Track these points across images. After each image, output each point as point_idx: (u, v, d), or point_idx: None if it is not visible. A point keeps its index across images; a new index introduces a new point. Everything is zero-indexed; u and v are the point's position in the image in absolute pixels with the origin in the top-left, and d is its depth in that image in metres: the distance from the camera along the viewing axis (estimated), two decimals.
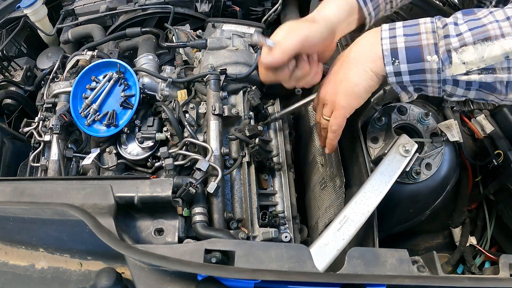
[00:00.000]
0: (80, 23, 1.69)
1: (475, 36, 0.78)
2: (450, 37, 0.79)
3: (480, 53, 0.77)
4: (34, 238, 0.90)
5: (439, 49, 0.80)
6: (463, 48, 0.78)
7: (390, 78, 0.86)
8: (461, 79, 0.81)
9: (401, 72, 0.84)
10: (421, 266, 0.79)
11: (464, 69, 0.79)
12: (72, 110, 1.24)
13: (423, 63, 0.82)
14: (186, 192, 0.97)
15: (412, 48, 0.82)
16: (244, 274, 0.69)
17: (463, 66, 0.79)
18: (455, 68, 0.80)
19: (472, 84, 0.81)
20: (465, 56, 0.78)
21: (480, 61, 0.78)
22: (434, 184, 1.22)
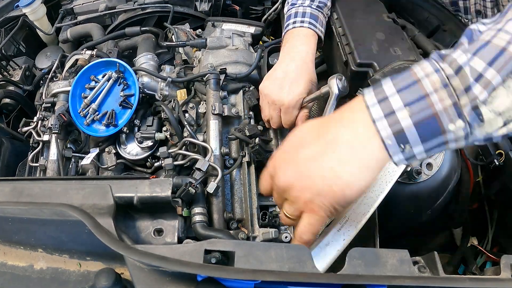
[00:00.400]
0: (79, 22, 1.69)
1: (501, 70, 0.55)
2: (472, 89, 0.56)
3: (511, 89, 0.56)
4: (32, 239, 0.90)
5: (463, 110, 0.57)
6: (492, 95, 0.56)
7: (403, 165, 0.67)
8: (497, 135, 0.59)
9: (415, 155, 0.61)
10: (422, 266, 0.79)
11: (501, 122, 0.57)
12: (71, 109, 1.24)
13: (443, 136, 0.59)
14: (186, 192, 0.97)
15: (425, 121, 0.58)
16: (244, 275, 0.69)
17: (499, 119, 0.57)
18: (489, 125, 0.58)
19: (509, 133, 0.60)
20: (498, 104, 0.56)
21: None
22: (435, 184, 1.21)
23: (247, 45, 1.38)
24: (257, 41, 1.49)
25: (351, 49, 1.23)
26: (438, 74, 0.58)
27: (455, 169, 1.26)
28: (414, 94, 0.58)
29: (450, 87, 0.57)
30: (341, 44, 1.28)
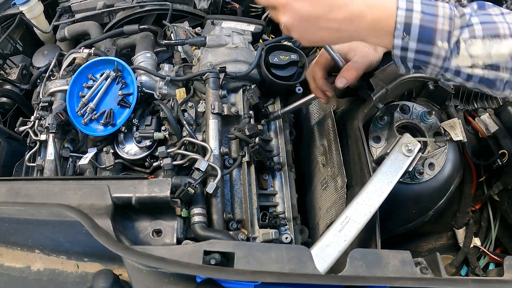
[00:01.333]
0: (76, 20, 1.69)
1: (485, 30, 0.78)
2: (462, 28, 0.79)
3: (488, 48, 0.78)
4: (30, 239, 0.90)
5: (451, 38, 0.79)
6: (472, 40, 0.78)
7: (396, 50, 0.83)
8: (464, 71, 0.81)
9: (408, 48, 0.82)
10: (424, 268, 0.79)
11: (470, 63, 0.80)
12: (69, 109, 1.24)
13: (432, 46, 0.80)
14: (185, 193, 0.97)
15: (427, 28, 0.79)
16: (243, 276, 0.69)
17: (469, 59, 0.79)
18: (462, 59, 0.80)
19: (473, 77, 0.82)
20: (473, 49, 0.79)
21: (487, 57, 0.78)
22: (437, 184, 1.22)
23: (247, 44, 1.38)
24: (257, 39, 1.49)
25: None
26: (450, 10, 0.80)
27: (458, 169, 1.26)
28: (431, 10, 0.80)
29: (452, 21, 0.79)
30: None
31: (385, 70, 1.16)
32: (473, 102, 1.41)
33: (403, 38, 0.81)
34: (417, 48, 0.81)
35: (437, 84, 1.24)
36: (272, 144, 1.28)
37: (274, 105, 1.35)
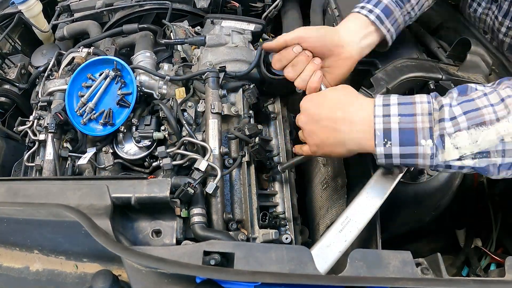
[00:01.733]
0: (75, 19, 1.69)
1: (469, 121, 0.76)
2: (444, 121, 0.78)
3: (474, 138, 0.76)
4: (28, 240, 0.90)
5: (434, 134, 0.78)
6: (457, 133, 0.77)
7: (380, 159, 0.84)
8: (454, 164, 0.79)
9: (392, 155, 0.82)
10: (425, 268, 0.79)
11: (457, 155, 0.78)
12: (68, 108, 1.24)
13: (416, 147, 0.79)
14: (184, 193, 0.97)
15: (406, 130, 0.79)
16: (243, 277, 0.69)
17: (456, 152, 0.78)
18: (448, 153, 0.78)
19: (465, 168, 0.80)
20: (458, 141, 0.77)
21: (474, 146, 0.76)
22: (438, 184, 1.22)
23: (246, 43, 1.38)
24: (257, 38, 1.49)
25: None
26: (428, 104, 0.80)
27: None
28: (408, 110, 0.80)
29: (432, 116, 0.79)
30: None
31: (386, 69, 1.16)
32: None
33: (385, 145, 0.81)
34: (401, 152, 0.80)
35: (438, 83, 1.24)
36: (272, 144, 1.28)
37: (274, 104, 1.35)
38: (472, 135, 0.76)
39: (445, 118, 0.77)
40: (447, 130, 0.77)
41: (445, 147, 0.77)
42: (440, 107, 0.79)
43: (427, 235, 1.51)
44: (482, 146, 0.76)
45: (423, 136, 0.78)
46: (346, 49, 1.08)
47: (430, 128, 0.78)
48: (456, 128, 0.77)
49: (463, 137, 0.76)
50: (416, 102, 0.81)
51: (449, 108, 0.78)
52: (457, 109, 0.78)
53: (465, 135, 0.76)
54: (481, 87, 0.83)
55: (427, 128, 0.78)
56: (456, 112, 0.77)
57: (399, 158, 0.81)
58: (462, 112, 0.77)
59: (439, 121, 0.78)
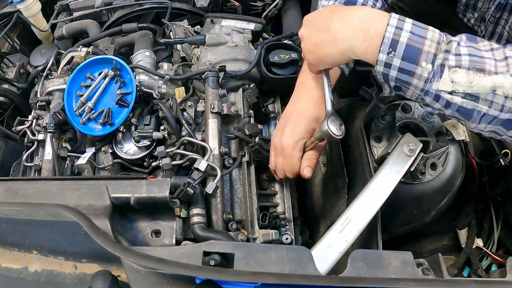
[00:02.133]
0: (74, 18, 1.69)
1: (471, 63, 0.80)
2: (449, 53, 0.81)
3: (471, 79, 0.79)
4: (27, 240, 0.90)
5: (436, 60, 0.81)
6: (456, 68, 0.80)
7: (379, 66, 0.85)
8: (443, 96, 0.82)
9: (391, 65, 0.84)
10: (426, 269, 0.79)
11: (450, 88, 0.81)
12: (67, 108, 1.24)
13: (416, 66, 0.82)
14: (184, 193, 0.97)
15: (412, 48, 0.82)
16: (243, 277, 0.69)
17: (450, 84, 0.81)
18: (443, 83, 0.81)
19: (451, 105, 0.83)
20: (456, 76, 0.80)
21: (468, 86, 0.80)
22: (439, 184, 1.22)
23: (246, 42, 1.38)
24: (257, 38, 1.49)
25: None
26: (440, 35, 0.83)
27: (460, 169, 1.26)
28: (420, 32, 0.83)
29: (439, 45, 0.82)
30: None
31: None
32: None
33: (389, 53, 0.83)
34: (401, 65, 0.83)
35: None
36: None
37: (274, 104, 1.35)
38: (469, 76, 0.79)
39: (450, 51, 0.81)
40: (449, 62, 0.80)
41: (442, 77, 0.81)
42: (448, 41, 0.83)
43: (428, 235, 1.51)
44: (475, 89, 0.79)
45: (426, 59, 0.81)
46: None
47: (435, 55, 0.81)
48: (458, 64, 0.80)
49: (461, 74, 0.80)
50: (429, 29, 0.84)
51: (456, 45, 0.82)
52: (463, 49, 0.81)
53: (463, 74, 0.79)
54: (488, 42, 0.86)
55: (431, 53, 0.81)
56: (462, 51, 0.81)
57: (397, 71, 0.83)
58: (467, 53, 0.81)
59: (445, 51, 0.81)
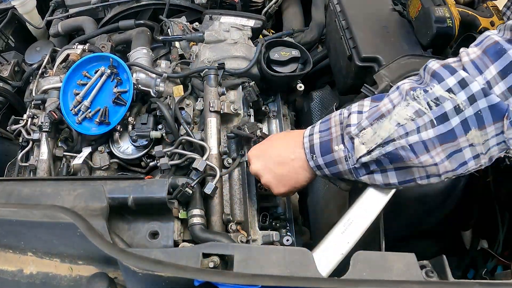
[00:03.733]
0: (70, 15, 1.69)
1: (370, 118, 0.83)
2: (350, 126, 0.85)
3: (374, 130, 0.81)
4: (22, 242, 0.89)
5: (344, 138, 0.86)
6: (362, 131, 0.83)
7: (317, 171, 0.93)
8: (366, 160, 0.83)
9: (320, 166, 0.91)
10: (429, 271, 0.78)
11: (364, 149, 0.83)
12: (62, 107, 1.24)
13: (332, 154, 0.88)
14: (182, 193, 0.97)
15: (324, 142, 0.90)
16: (243, 280, 0.69)
17: (363, 147, 0.83)
18: (357, 150, 0.84)
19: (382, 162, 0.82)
20: (364, 138, 0.83)
21: (375, 136, 0.81)
22: (443, 185, 1.21)
23: (246, 39, 1.38)
24: (257, 34, 1.49)
25: (355, 43, 1.22)
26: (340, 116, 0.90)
27: None
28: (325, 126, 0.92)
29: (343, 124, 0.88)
30: (345, 38, 1.28)
31: (389, 66, 1.16)
32: None
33: (312, 158, 0.92)
34: (324, 161, 0.90)
35: None
36: None
37: (274, 102, 1.35)
38: (374, 128, 0.82)
39: (351, 124, 0.85)
40: (352, 132, 0.84)
41: (355, 147, 0.84)
42: (348, 115, 0.87)
43: (432, 236, 1.51)
44: (382, 135, 0.80)
45: (336, 143, 0.88)
46: None
47: (342, 135, 0.87)
48: (360, 128, 0.83)
49: (368, 133, 0.82)
50: (331, 117, 0.91)
51: (356, 114, 0.86)
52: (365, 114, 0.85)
53: (370, 131, 0.82)
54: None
55: (339, 136, 0.88)
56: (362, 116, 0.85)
57: (326, 168, 0.90)
58: (367, 110, 0.85)
59: (346, 126, 0.86)
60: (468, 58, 0.75)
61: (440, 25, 1.11)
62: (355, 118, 0.85)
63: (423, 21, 1.15)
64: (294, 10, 1.73)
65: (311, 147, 0.92)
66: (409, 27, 1.26)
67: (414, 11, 1.20)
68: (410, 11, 1.23)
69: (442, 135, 0.75)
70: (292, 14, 1.72)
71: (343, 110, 0.90)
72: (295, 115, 1.49)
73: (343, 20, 1.31)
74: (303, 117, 1.54)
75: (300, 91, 1.38)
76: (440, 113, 0.74)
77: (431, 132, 0.76)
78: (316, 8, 1.66)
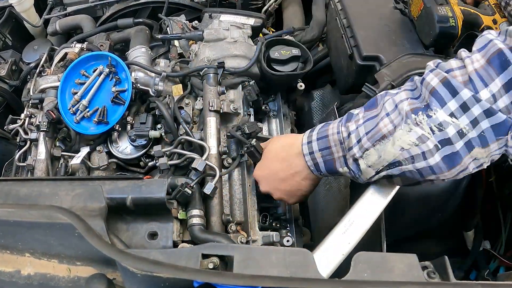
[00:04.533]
0: (68, 13, 1.69)
1: (371, 139, 0.83)
2: (353, 148, 0.86)
3: (379, 153, 0.82)
4: (20, 243, 0.89)
5: (348, 161, 0.88)
6: (365, 152, 0.84)
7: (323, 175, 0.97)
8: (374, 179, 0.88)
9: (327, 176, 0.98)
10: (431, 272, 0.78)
11: (372, 172, 0.85)
12: (60, 106, 1.23)
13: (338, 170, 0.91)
14: (182, 193, 0.97)
15: (328, 162, 0.92)
16: (243, 281, 0.69)
17: (370, 169, 0.85)
18: (365, 173, 0.86)
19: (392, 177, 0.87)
20: (369, 159, 0.84)
21: (381, 160, 0.82)
22: (445, 185, 1.22)
23: (246, 38, 1.38)
24: (257, 33, 1.49)
25: (356, 42, 1.22)
26: (338, 135, 0.89)
27: None
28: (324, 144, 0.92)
29: (343, 145, 0.88)
30: (346, 37, 1.28)
31: (391, 65, 1.16)
32: None
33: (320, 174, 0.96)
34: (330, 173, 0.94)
35: None
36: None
37: (274, 102, 1.35)
38: (378, 151, 0.82)
39: (352, 146, 0.86)
40: (356, 155, 0.85)
41: (361, 169, 0.86)
42: (348, 134, 0.87)
43: (434, 237, 1.51)
44: (387, 158, 0.81)
45: (340, 165, 0.90)
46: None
47: (344, 157, 0.89)
48: (363, 150, 0.84)
49: (372, 154, 0.83)
50: (329, 135, 0.91)
51: (355, 133, 0.86)
52: (361, 130, 0.85)
53: (373, 152, 0.83)
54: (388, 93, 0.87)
55: (342, 157, 0.89)
56: (360, 133, 0.85)
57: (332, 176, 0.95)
58: (365, 133, 0.84)
59: (349, 149, 0.87)
60: (472, 68, 0.74)
61: (443, 25, 1.10)
62: (354, 138, 0.86)
63: (426, 21, 1.15)
64: (294, 8, 1.73)
65: (316, 165, 0.94)
66: (410, 25, 1.26)
67: (416, 10, 1.20)
68: (412, 10, 1.23)
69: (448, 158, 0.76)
70: (293, 12, 1.72)
71: (340, 127, 0.90)
72: (295, 114, 1.49)
73: (344, 19, 1.31)
74: (303, 117, 1.54)
75: (300, 90, 1.37)
76: (443, 138, 0.75)
77: (437, 157, 0.76)
78: (316, 6, 1.66)
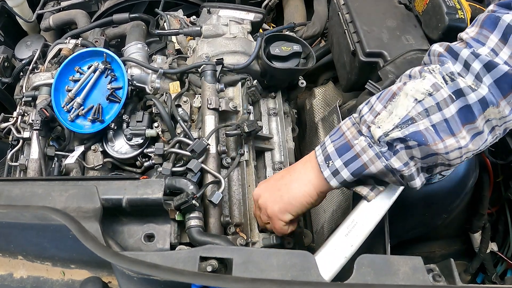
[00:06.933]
0: (62, 8, 1.69)
1: (382, 101, 0.83)
2: (364, 116, 0.85)
3: (390, 110, 0.81)
4: (12, 245, 0.90)
5: (362, 131, 0.86)
6: (377, 117, 0.83)
7: (332, 182, 0.89)
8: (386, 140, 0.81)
9: (337, 170, 0.88)
10: (437, 275, 0.79)
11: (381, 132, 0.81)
12: (54, 104, 1.23)
13: (353, 148, 0.85)
14: (188, 206, 0.97)
15: (341, 145, 0.88)
16: (242, 284, 0.69)
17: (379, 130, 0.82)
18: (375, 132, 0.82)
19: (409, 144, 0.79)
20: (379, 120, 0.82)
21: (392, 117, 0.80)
22: (451, 185, 1.21)
23: (245, 33, 1.38)
24: (256, 28, 1.49)
25: (359, 38, 1.22)
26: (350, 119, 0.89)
27: (473, 168, 1.26)
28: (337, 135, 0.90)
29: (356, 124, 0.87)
30: (348, 32, 1.28)
31: (395, 62, 1.16)
32: None
33: (328, 165, 0.89)
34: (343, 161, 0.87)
35: None
36: (273, 141, 1.28)
37: (275, 99, 1.35)
38: (390, 110, 0.82)
39: (364, 114, 0.85)
40: (367, 121, 0.84)
41: (372, 133, 0.83)
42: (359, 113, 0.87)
43: (439, 239, 1.51)
44: (400, 114, 0.80)
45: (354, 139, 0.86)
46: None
47: (359, 131, 0.86)
48: (374, 114, 0.83)
49: (383, 116, 0.82)
50: (341, 125, 0.91)
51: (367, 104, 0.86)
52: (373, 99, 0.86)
53: (384, 114, 0.82)
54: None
55: (356, 133, 0.86)
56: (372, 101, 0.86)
57: (345, 167, 0.86)
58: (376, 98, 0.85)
59: (360, 119, 0.86)
60: (467, 36, 0.80)
61: (452, 16, 1.11)
62: (366, 108, 0.86)
63: (433, 14, 1.15)
64: (295, 3, 1.73)
65: (326, 157, 0.89)
66: (415, 21, 1.26)
67: (422, 5, 1.20)
68: (416, 5, 1.23)
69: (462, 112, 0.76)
70: (294, 7, 1.72)
71: (353, 114, 0.90)
72: (296, 112, 1.49)
73: (346, 14, 1.31)
74: (305, 115, 1.54)
75: (302, 88, 1.37)
76: (457, 88, 0.76)
77: (453, 108, 0.76)
78: (318, 1, 1.66)
